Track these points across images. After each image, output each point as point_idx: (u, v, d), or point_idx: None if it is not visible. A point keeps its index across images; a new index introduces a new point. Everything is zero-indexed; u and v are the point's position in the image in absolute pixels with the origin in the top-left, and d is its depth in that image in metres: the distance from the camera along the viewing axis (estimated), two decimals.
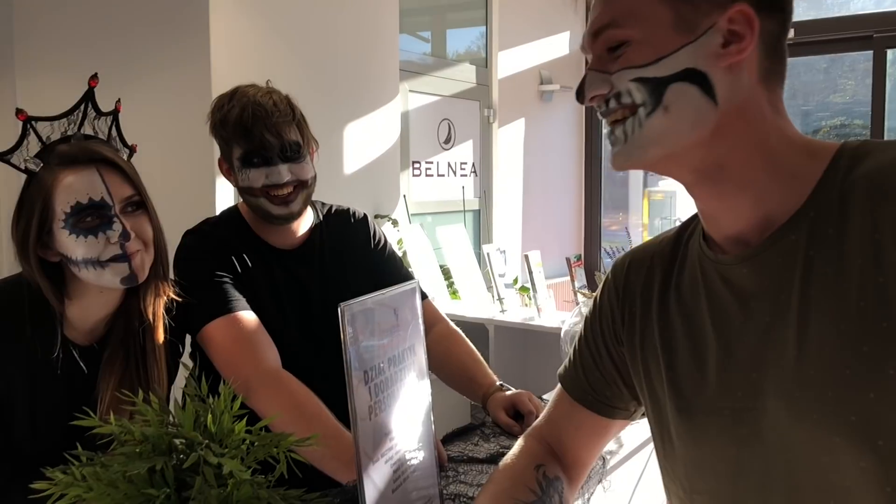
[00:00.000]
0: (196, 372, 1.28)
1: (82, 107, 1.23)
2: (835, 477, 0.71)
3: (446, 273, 3.33)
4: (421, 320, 1.09)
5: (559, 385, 1.06)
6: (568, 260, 2.74)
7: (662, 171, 0.81)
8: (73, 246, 1.16)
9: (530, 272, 2.82)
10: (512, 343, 2.99)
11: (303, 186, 1.44)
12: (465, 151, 4.57)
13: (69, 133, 1.22)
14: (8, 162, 1.17)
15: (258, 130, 1.37)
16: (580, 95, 0.81)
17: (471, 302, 3.19)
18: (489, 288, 3.11)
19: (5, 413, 1.20)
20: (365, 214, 1.67)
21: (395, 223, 3.35)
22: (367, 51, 3.28)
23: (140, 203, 1.24)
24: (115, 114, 1.28)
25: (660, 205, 6.04)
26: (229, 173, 1.48)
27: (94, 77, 1.24)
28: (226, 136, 1.42)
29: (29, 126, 1.18)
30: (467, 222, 4.40)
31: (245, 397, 1.29)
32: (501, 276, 2.96)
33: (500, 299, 2.96)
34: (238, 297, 1.38)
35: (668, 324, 0.89)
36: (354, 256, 1.58)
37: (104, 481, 0.73)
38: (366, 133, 3.28)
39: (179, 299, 1.33)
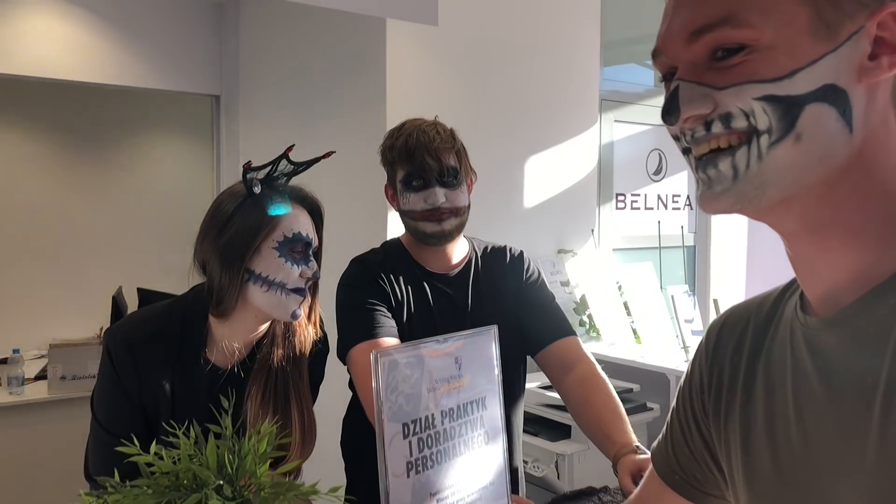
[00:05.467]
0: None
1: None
2: None
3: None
4: (497, 371, 0.99)
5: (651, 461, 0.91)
6: None
7: (764, 216, 0.63)
8: (277, 268, 1.27)
9: None
10: None
11: (456, 213, 1.51)
12: (678, 183, 4.26)
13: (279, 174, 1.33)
14: (245, 174, 1.29)
15: (419, 154, 1.47)
16: (672, 114, 0.61)
17: (653, 348, 2.92)
18: (678, 335, 2.81)
19: (152, 426, 1.31)
20: (522, 251, 1.69)
21: (575, 257, 3.19)
22: (558, 84, 3.20)
23: (318, 253, 1.37)
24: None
25: None
26: (393, 199, 1.58)
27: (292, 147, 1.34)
28: (391, 160, 1.54)
29: (284, 157, 1.31)
30: (676, 260, 4.08)
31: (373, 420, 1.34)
32: (688, 321, 2.67)
33: (684, 347, 2.67)
34: (383, 324, 1.44)
35: (751, 398, 0.72)
36: (507, 290, 1.60)
37: None
38: (554, 165, 3.19)
39: (319, 332, 1.43)
